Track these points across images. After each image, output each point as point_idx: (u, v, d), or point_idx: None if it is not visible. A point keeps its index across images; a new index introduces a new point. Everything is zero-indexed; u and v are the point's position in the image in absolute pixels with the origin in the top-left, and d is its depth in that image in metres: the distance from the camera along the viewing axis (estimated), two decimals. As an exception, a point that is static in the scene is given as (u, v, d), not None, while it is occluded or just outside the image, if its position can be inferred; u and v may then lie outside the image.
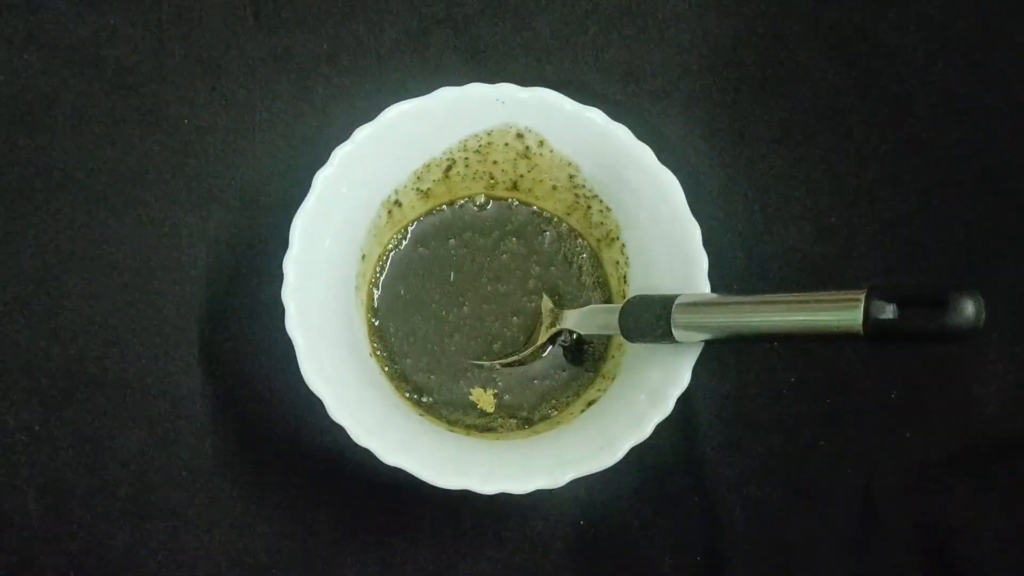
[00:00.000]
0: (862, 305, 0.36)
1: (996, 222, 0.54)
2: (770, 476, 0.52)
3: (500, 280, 0.52)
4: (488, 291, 0.52)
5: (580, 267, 0.52)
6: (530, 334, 0.51)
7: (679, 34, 0.55)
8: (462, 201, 0.52)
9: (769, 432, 0.52)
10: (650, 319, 0.44)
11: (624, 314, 0.46)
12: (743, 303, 0.42)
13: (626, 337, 0.46)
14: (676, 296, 0.44)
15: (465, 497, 0.45)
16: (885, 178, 0.54)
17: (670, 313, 0.43)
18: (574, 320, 0.50)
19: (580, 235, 0.52)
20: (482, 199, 0.52)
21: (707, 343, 0.45)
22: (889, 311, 0.36)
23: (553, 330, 0.50)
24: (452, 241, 0.52)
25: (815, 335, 0.40)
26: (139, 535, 0.51)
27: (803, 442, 0.52)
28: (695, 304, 0.43)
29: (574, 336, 0.51)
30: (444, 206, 0.52)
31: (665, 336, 0.44)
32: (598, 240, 0.52)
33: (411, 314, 0.51)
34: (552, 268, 0.52)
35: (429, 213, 0.52)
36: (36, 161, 0.52)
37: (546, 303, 0.51)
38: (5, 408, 0.51)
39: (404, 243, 0.52)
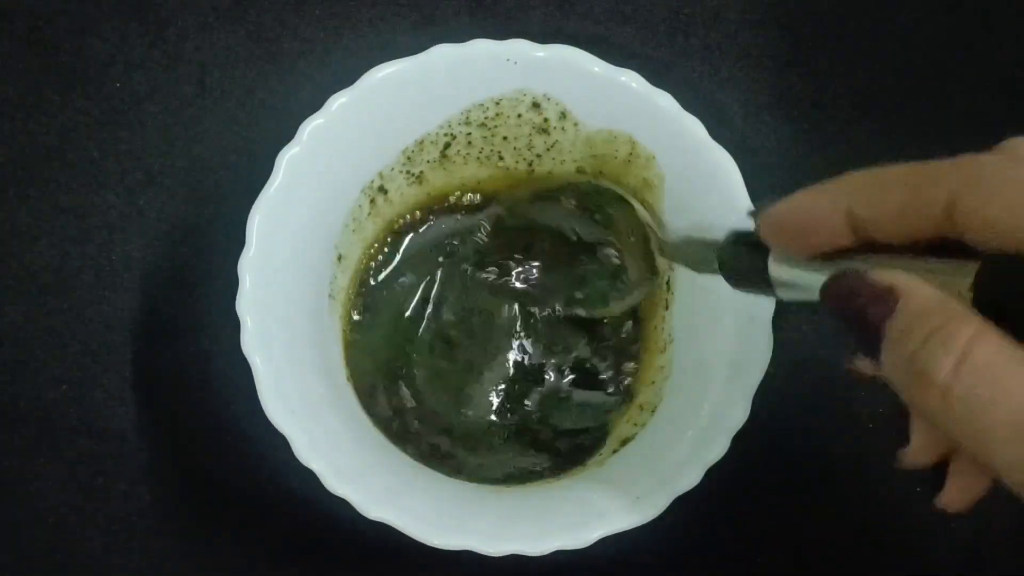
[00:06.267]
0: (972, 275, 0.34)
1: None
2: (849, 528, 0.52)
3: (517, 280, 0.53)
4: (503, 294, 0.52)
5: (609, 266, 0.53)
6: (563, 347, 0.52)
7: (738, -25, 0.55)
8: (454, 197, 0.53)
9: (844, 473, 0.52)
10: (750, 260, 0.42)
11: (722, 252, 0.44)
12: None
13: (728, 279, 0.44)
14: None
15: (467, 559, 0.45)
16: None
17: (767, 257, 0.41)
18: (677, 250, 0.48)
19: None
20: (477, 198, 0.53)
21: (802, 304, 0.44)
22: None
23: (666, 261, 0.49)
24: (450, 239, 0.52)
25: None
26: (58, 605, 0.51)
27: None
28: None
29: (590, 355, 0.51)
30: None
31: (763, 284, 0.42)
32: (635, 236, 0.52)
33: (400, 330, 0.52)
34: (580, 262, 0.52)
35: (423, 204, 0.52)
36: (-72, 135, 0.53)
37: (642, 214, 0.50)
38: None
39: (391, 240, 0.52)
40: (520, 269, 0.52)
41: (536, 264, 0.52)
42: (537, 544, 0.45)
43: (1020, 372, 0.30)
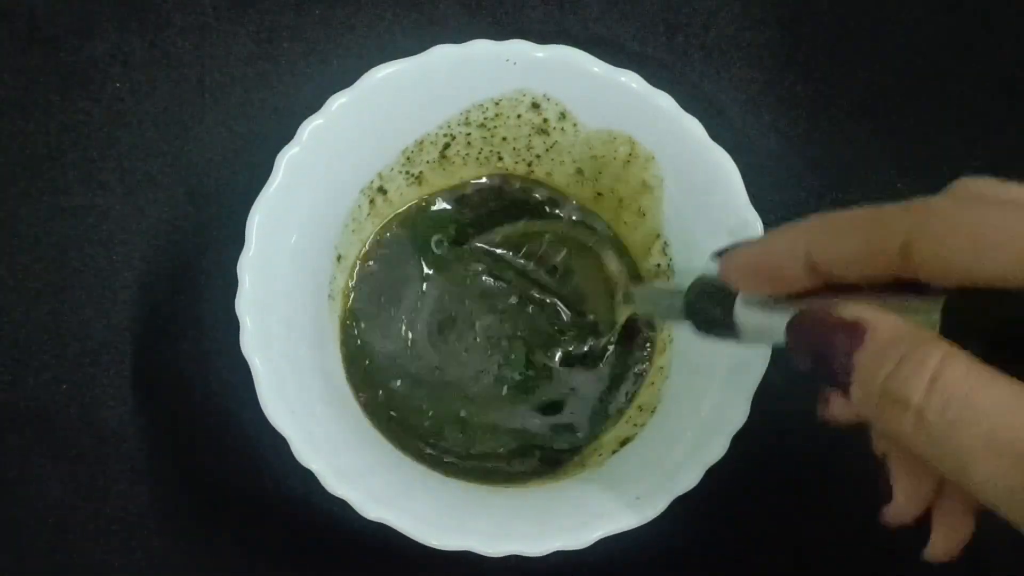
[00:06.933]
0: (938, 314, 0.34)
1: None
2: (849, 528, 0.52)
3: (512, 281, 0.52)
4: (496, 294, 0.52)
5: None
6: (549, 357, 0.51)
7: (737, -25, 0.55)
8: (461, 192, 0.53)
9: (844, 473, 0.52)
10: (716, 305, 0.43)
11: (688, 299, 0.44)
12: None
13: (694, 326, 0.45)
14: None
15: (466, 560, 0.45)
16: (996, 158, 0.54)
17: (733, 302, 0.42)
18: (644, 300, 0.49)
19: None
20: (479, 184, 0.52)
21: (778, 347, 0.44)
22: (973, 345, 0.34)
23: (629, 311, 0.50)
24: (444, 239, 0.52)
25: None
26: (59, 604, 0.51)
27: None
28: (760, 299, 0.41)
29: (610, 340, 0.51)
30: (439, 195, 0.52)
31: (729, 330, 0.42)
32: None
33: (397, 328, 0.51)
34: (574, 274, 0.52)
35: (421, 203, 0.52)
36: (-73, 134, 0.53)
37: (611, 261, 0.51)
38: None
39: (390, 241, 0.52)
40: (515, 265, 0.52)
41: (531, 261, 0.52)
42: (537, 544, 0.45)
43: (991, 391, 0.30)
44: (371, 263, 0.52)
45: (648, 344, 0.52)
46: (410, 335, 0.51)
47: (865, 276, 0.35)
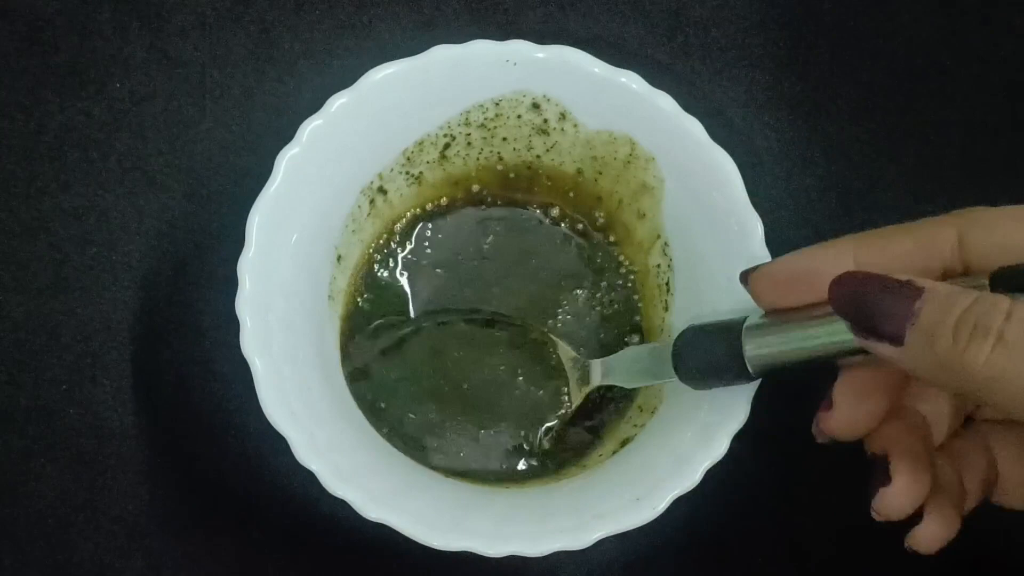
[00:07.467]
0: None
1: None
2: (849, 528, 0.52)
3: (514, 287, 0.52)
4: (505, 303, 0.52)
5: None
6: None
7: (739, -24, 0.55)
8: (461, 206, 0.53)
9: (844, 472, 0.52)
10: (722, 356, 0.43)
11: (681, 355, 0.45)
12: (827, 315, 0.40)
13: (691, 385, 0.45)
14: (741, 319, 0.43)
15: (467, 560, 0.45)
16: (1000, 157, 0.54)
17: (741, 346, 0.42)
18: (612, 371, 0.49)
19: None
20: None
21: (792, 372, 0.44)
22: None
23: (588, 390, 0.50)
24: (451, 244, 0.52)
25: None
26: (58, 605, 0.51)
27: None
28: (769, 326, 0.42)
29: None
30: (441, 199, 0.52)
31: (741, 375, 0.43)
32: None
33: (398, 333, 0.51)
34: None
35: (421, 205, 0.52)
36: (-73, 134, 0.53)
37: (564, 351, 0.51)
38: None
39: (391, 243, 0.52)
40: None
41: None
42: (537, 544, 0.45)
43: None
44: (377, 264, 0.52)
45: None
46: (412, 337, 0.51)
47: (920, 273, 0.36)
